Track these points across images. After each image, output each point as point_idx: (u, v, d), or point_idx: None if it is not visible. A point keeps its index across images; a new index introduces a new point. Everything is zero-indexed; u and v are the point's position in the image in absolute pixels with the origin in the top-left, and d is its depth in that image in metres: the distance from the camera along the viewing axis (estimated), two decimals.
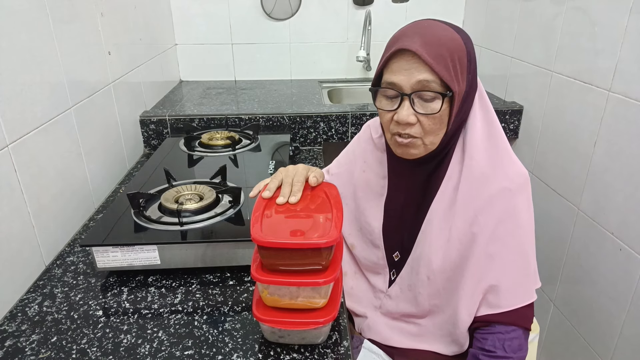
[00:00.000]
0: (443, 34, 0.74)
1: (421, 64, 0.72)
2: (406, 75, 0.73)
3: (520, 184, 0.79)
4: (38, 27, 0.91)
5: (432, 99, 0.74)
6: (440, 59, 0.72)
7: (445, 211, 0.81)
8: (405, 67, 0.73)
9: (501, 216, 0.77)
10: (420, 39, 0.72)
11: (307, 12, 1.95)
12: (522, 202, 0.79)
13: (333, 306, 0.68)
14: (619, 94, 1.10)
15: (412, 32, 0.74)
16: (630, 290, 1.10)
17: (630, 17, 1.05)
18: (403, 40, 0.73)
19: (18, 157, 0.83)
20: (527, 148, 1.52)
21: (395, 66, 0.75)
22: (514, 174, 0.79)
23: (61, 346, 0.70)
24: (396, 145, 0.81)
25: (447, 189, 0.81)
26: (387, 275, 0.92)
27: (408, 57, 0.73)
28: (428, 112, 0.74)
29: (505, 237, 0.78)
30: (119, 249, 0.83)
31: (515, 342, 0.77)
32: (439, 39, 0.73)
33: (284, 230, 0.65)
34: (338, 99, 2.02)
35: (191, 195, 0.97)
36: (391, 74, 0.75)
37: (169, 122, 1.49)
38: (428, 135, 0.77)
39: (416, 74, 0.73)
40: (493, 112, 0.81)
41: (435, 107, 0.74)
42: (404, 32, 0.76)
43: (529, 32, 1.49)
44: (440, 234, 0.81)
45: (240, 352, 0.69)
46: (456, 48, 0.74)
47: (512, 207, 0.78)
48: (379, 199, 0.91)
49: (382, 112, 0.79)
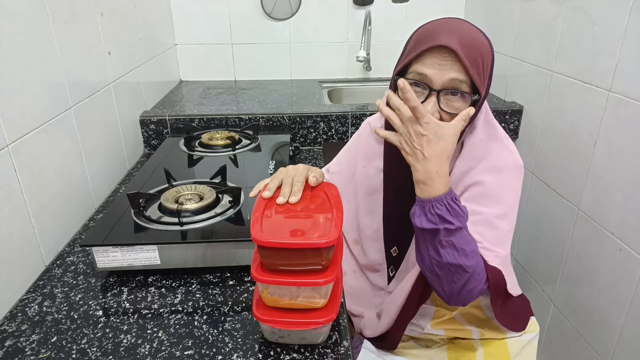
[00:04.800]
0: (476, 36, 0.75)
1: (456, 63, 0.72)
2: (439, 70, 0.73)
3: (510, 164, 0.80)
4: (38, 27, 0.91)
5: (460, 97, 0.74)
6: (474, 61, 0.72)
7: None
8: (439, 62, 0.73)
9: (482, 189, 0.78)
10: (457, 38, 0.72)
11: (307, 12, 1.95)
12: (508, 179, 0.79)
13: (333, 306, 0.68)
14: (619, 94, 1.10)
15: (447, 30, 0.74)
16: (630, 290, 1.10)
17: (630, 17, 1.05)
18: (440, 36, 0.73)
19: (18, 157, 0.83)
20: (527, 148, 1.52)
21: (428, 60, 0.74)
22: (507, 157, 0.80)
23: (61, 346, 0.71)
24: None
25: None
26: (386, 272, 0.92)
27: (444, 53, 0.73)
28: (453, 111, 0.74)
29: (479, 204, 0.78)
30: (119, 249, 0.83)
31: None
32: (474, 41, 0.73)
33: (284, 230, 0.65)
34: (338, 99, 2.02)
35: (191, 195, 0.97)
36: (423, 65, 0.75)
37: (169, 122, 1.49)
38: None
39: (449, 72, 0.73)
40: (491, 115, 0.82)
41: (461, 107, 0.74)
42: (437, 28, 0.75)
43: (529, 32, 1.49)
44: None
45: (240, 352, 0.69)
46: (486, 53, 0.75)
47: (496, 185, 0.78)
48: (378, 194, 0.91)
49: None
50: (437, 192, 0.71)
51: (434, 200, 0.71)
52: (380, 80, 2.06)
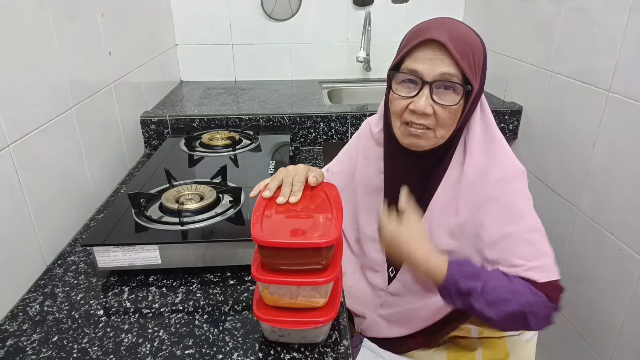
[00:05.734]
0: (466, 32, 0.76)
1: (447, 57, 0.73)
2: (430, 65, 0.74)
3: (514, 172, 0.80)
4: (39, 27, 0.92)
5: (452, 91, 0.75)
6: (465, 55, 0.73)
7: (446, 207, 0.82)
8: (429, 57, 0.74)
9: (500, 206, 0.78)
10: (447, 33, 0.73)
11: (307, 12, 1.95)
12: (518, 188, 0.80)
13: (333, 305, 0.68)
14: (618, 94, 1.11)
15: (438, 25, 0.75)
16: (629, 290, 1.10)
17: (629, 17, 1.06)
18: (430, 31, 0.74)
19: (19, 157, 0.83)
20: (527, 148, 1.53)
21: (420, 55, 0.75)
22: (509, 164, 0.80)
23: (62, 345, 0.71)
24: (405, 135, 0.80)
25: (446, 186, 0.82)
26: (386, 273, 0.93)
27: (434, 48, 0.73)
28: (446, 103, 0.75)
29: (505, 224, 0.78)
30: (119, 248, 0.83)
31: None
32: (464, 36, 0.74)
33: (284, 230, 0.65)
34: (338, 100, 2.03)
35: (192, 195, 0.97)
36: (414, 61, 0.75)
37: (169, 122, 1.49)
38: (440, 128, 0.77)
39: (440, 66, 0.73)
40: (490, 112, 0.82)
41: (455, 99, 0.75)
42: (428, 25, 0.76)
43: (528, 33, 1.49)
44: (442, 228, 0.82)
45: (240, 351, 0.70)
46: (477, 47, 0.76)
47: (510, 197, 0.78)
48: (378, 194, 0.91)
49: (396, 99, 0.79)
50: (441, 271, 0.73)
51: (447, 281, 0.73)
52: (380, 80, 2.07)
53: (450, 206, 0.81)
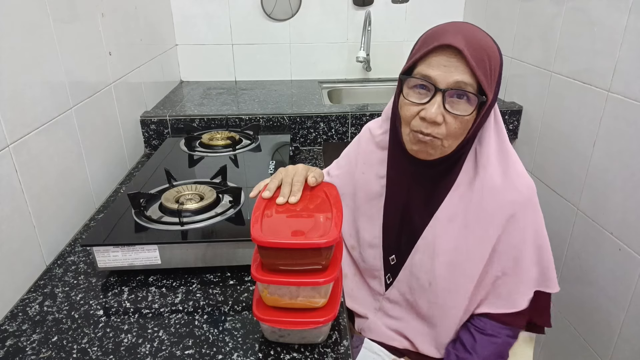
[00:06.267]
0: (484, 39, 0.72)
1: (462, 64, 0.70)
2: (444, 72, 0.70)
3: (527, 196, 0.79)
4: (39, 27, 0.92)
5: (466, 100, 0.72)
6: (481, 62, 0.70)
7: (452, 220, 0.81)
8: (444, 64, 0.70)
9: (513, 232, 0.79)
10: (463, 39, 0.69)
11: (307, 12, 1.95)
12: (530, 213, 0.80)
13: (333, 306, 0.68)
14: (618, 94, 1.11)
15: (454, 30, 0.71)
16: (629, 290, 1.10)
17: (629, 17, 1.06)
18: (446, 36, 0.70)
19: (19, 157, 0.83)
20: (527, 148, 1.53)
21: (434, 60, 0.71)
22: (521, 185, 0.79)
23: (62, 346, 0.71)
24: (414, 142, 0.77)
25: (453, 198, 0.81)
26: (383, 279, 0.92)
27: (450, 54, 0.70)
28: (459, 113, 0.72)
29: (517, 253, 0.80)
30: (119, 248, 0.83)
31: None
32: (481, 42, 0.71)
33: (283, 230, 0.65)
34: (338, 100, 2.03)
35: (192, 195, 0.97)
36: (428, 67, 0.72)
37: (169, 122, 1.49)
38: (449, 138, 0.75)
39: (455, 74, 0.70)
40: (503, 126, 0.80)
41: (468, 109, 0.72)
42: (444, 28, 0.73)
43: (528, 33, 1.49)
44: (447, 243, 0.81)
45: (240, 351, 0.70)
46: (494, 55, 0.72)
47: (522, 223, 0.79)
48: (378, 199, 0.90)
49: (407, 104, 0.75)
50: None
51: None
52: (380, 80, 2.06)
53: (458, 218, 0.80)
